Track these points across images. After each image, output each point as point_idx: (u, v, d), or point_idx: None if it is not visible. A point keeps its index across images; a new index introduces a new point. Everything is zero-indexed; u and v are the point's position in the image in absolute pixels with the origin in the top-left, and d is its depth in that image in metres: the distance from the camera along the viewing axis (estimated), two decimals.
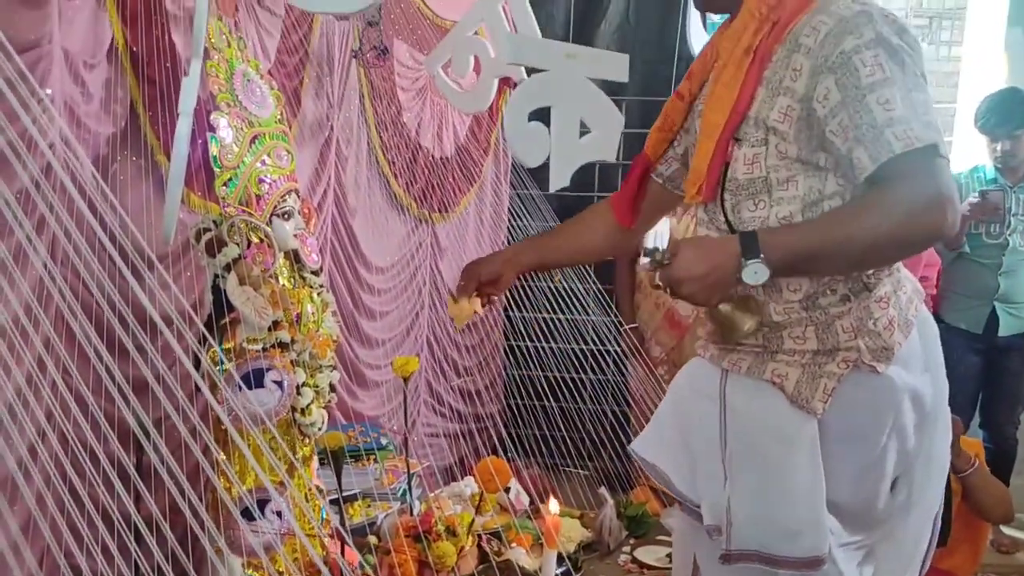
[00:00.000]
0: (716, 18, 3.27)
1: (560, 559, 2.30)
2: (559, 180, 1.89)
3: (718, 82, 1.28)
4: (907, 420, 1.27)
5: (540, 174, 3.30)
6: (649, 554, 2.55)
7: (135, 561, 1.12)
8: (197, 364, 1.49)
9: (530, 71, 1.94)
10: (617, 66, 1.92)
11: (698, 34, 2.29)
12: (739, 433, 1.28)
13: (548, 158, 1.88)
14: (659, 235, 2.82)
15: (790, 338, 1.25)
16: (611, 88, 2.05)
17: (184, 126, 1.34)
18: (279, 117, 1.79)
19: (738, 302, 1.22)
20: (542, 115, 1.86)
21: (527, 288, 3.33)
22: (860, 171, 1.13)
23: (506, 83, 2.58)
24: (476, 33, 2.17)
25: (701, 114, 1.32)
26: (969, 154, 3.89)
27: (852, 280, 1.23)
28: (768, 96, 1.21)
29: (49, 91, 1.35)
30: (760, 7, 1.23)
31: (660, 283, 1.20)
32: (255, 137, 1.68)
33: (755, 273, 1.12)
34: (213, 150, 1.58)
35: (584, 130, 1.89)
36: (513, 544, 2.41)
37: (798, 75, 1.18)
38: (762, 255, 1.12)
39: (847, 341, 1.23)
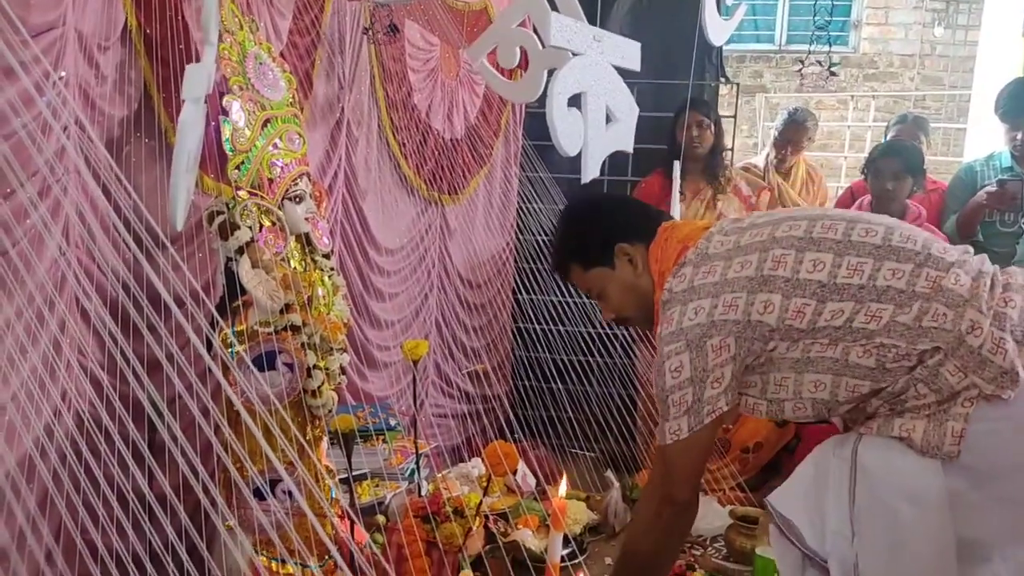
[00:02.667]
0: (730, 1, 3.24)
1: (566, 541, 2.32)
2: (592, 170, 1.88)
3: None
4: None
5: (550, 157, 3.29)
6: None
7: (148, 538, 1.14)
8: (209, 345, 1.51)
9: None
10: (632, 54, 1.90)
11: (714, 20, 2.27)
12: (867, 491, 1.31)
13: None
14: None
15: (911, 398, 1.29)
16: (625, 72, 2.04)
17: (189, 112, 1.34)
18: (291, 100, 1.79)
19: None
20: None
21: (536, 272, 3.33)
22: None
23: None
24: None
25: None
26: (984, 141, 3.87)
27: (923, 339, 1.27)
28: None
29: (63, 74, 1.36)
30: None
31: None
32: (267, 120, 1.69)
33: None
34: (225, 133, 1.58)
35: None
36: (520, 525, 2.43)
37: None
38: None
39: (960, 382, 1.25)
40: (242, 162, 1.63)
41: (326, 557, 1.74)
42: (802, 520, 1.40)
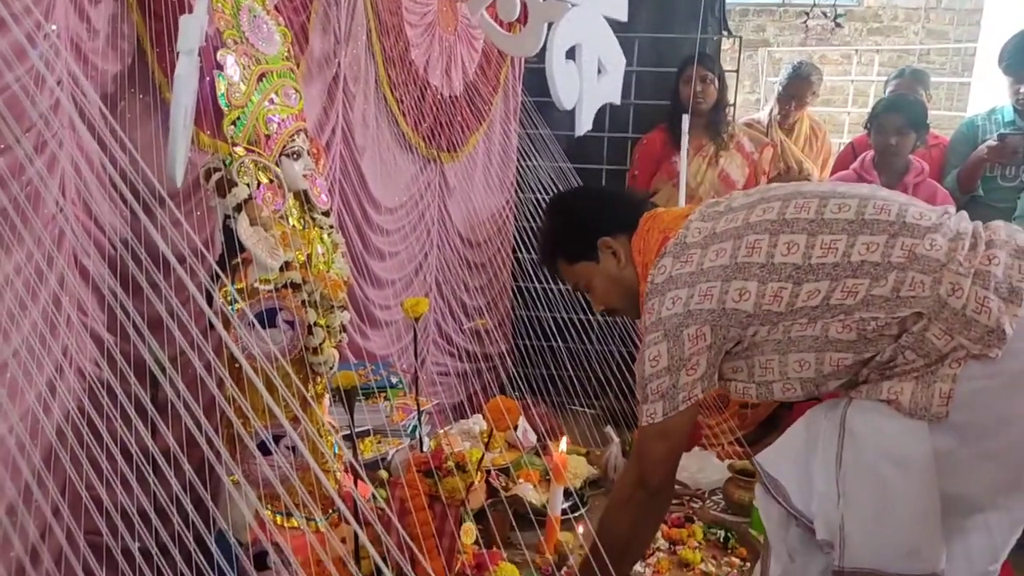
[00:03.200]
0: None
1: (567, 494, 2.35)
2: (585, 123, 1.87)
3: None
4: None
5: (549, 113, 3.26)
6: None
7: (153, 492, 1.15)
8: (210, 301, 1.51)
9: None
10: (621, 3, 1.88)
11: None
12: (854, 455, 1.33)
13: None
14: None
15: (900, 364, 1.31)
16: (626, 26, 2.01)
17: (184, 66, 1.32)
18: (286, 54, 1.76)
19: None
20: None
21: (536, 230, 3.32)
22: None
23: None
24: None
25: None
26: (989, 95, 3.82)
27: (902, 308, 1.27)
28: None
29: (54, 26, 1.33)
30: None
31: None
32: (262, 75, 1.66)
33: None
34: (220, 88, 1.56)
35: None
36: (521, 480, 2.46)
37: None
38: None
39: (947, 345, 1.26)
40: (238, 118, 1.60)
41: (331, 510, 1.76)
42: (790, 481, 1.43)
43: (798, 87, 3.54)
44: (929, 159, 3.14)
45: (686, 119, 2.81)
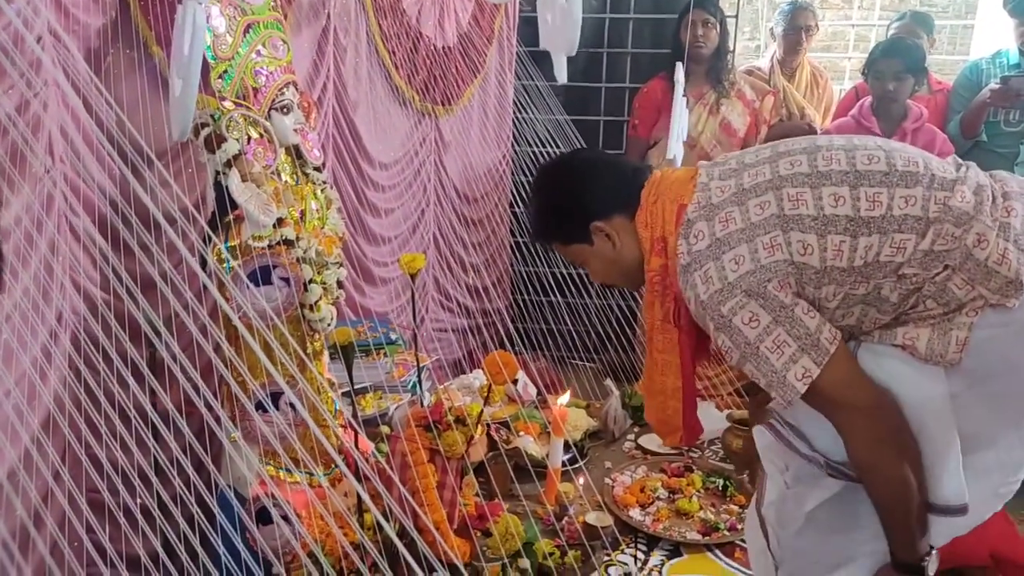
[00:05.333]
0: None
1: (567, 446, 2.37)
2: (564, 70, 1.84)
3: (653, 348, 1.50)
4: None
5: (545, 64, 3.20)
6: (652, 441, 2.63)
7: (154, 454, 1.15)
8: (203, 262, 1.49)
9: None
10: None
11: None
12: None
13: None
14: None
15: (917, 311, 1.31)
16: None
17: (200, 16, 1.29)
18: (272, 4, 1.72)
19: None
20: None
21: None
22: None
23: None
24: None
25: (649, 374, 1.55)
26: (993, 38, 3.75)
27: (936, 264, 1.27)
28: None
29: None
30: (654, 287, 1.42)
31: None
32: (249, 26, 1.62)
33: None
34: (206, 40, 1.52)
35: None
36: (521, 433, 2.48)
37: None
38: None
39: (967, 295, 1.27)
40: (225, 71, 1.57)
41: (332, 466, 1.77)
42: (809, 427, 1.41)
43: (802, 16, 3.42)
44: (934, 104, 3.09)
45: (679, 67, 2.75)
